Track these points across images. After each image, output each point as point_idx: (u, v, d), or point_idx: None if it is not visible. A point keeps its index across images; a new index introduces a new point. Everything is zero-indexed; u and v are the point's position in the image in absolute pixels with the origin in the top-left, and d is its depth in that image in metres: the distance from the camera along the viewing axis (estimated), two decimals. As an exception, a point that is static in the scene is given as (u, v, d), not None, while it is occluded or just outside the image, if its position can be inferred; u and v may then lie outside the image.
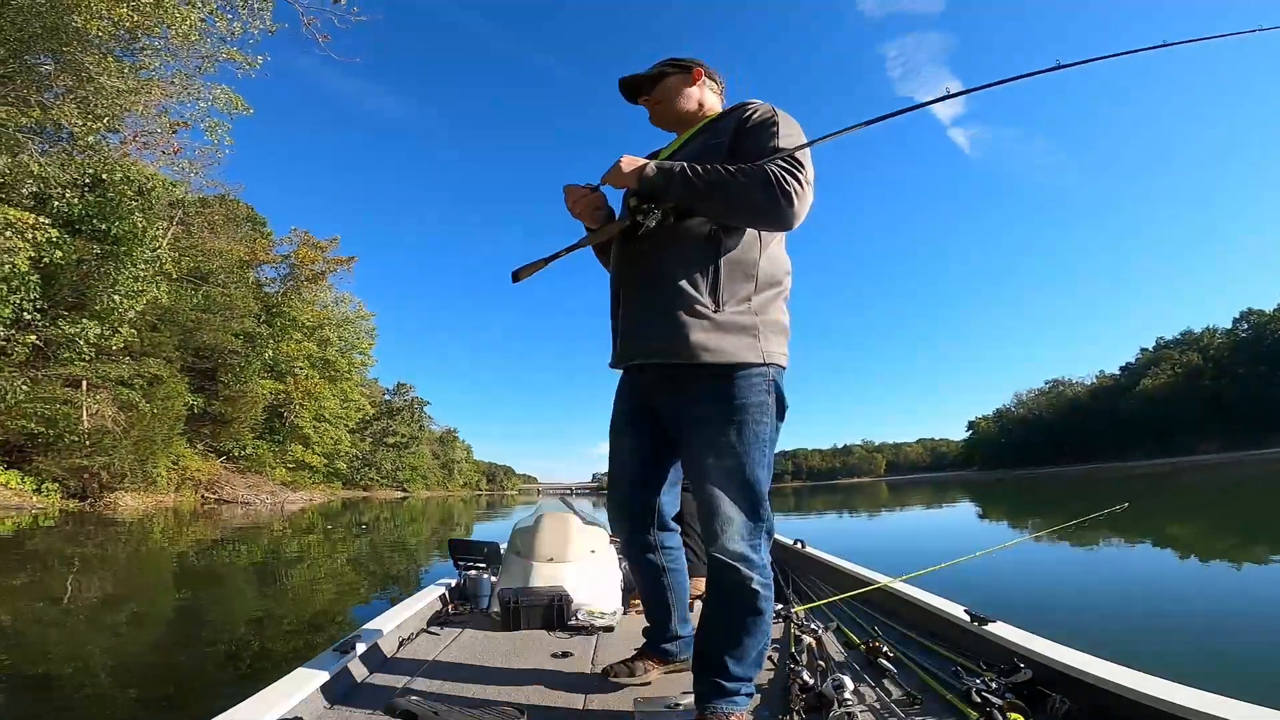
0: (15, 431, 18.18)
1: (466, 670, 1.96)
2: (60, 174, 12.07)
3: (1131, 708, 1.27)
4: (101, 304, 18.31)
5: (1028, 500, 20.46)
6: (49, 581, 6.17)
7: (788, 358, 1.52)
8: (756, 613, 1.45)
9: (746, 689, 1.47)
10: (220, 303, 28.04)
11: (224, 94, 12.81)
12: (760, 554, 1.45)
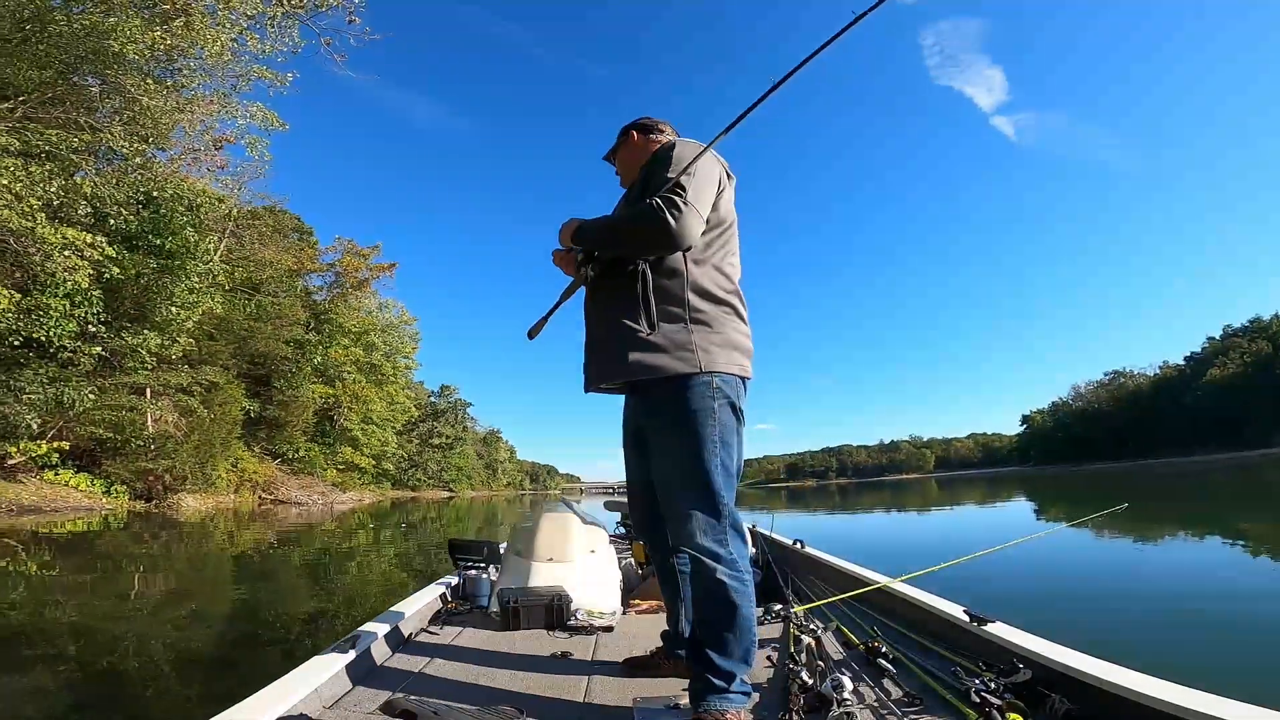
0: (86, 437, 19.31)
1: (466, 670, 1.95)
2: (115, 193, 12.80)
3: (1131, 708, 1.26)
4: (161, 315, 19.31)
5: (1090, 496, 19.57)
6: (117, 579, 6.50)
7: (741, 366, 1.62)
8: (730, 605, 1.51)
9: (739, 686, 1.49)
10: (271, 311, 29.22)
11: (260, 111, 13.40)
12: (728, 548, 1.53)
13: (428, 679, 1.87)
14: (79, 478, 19.35)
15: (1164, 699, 1.21)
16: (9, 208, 9.56)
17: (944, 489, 37.37)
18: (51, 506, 16.72)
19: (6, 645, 3.70)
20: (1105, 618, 4.20)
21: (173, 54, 11.11)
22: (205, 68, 11.77)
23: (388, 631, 2.14)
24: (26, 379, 16.31)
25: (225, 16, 10.82)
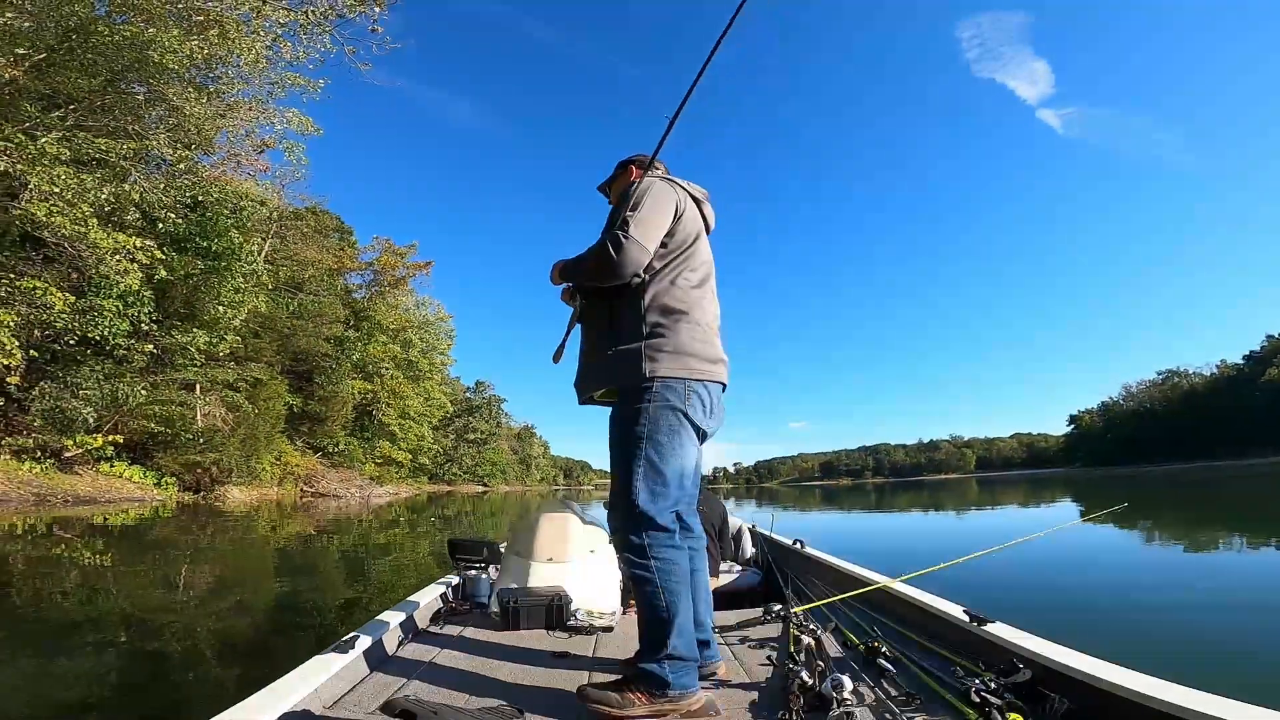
0: (138, 431, 20.17)
1: (466, 670, 1.96)
2: (163, 197, 13.32)
3: (1131, 708, 1.27)
4: (209, 314, 20.04)
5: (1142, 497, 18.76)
6: (166, 568, 6.74)
7: (690, 368, 1.75)
8: (640, 590, 1.67)
9: (661, 670, 1.58)
10: (312, 309, 30.05)
11: (295, 116, 13.79)
12: (636, 537, 1.68)
13: (428, 679, 1.87)
14: (132, 470, 20.24)
15: (1164, 699, 1.21)
16: (62, 214, 10.04)
17: (984, 490, 36.63)
18: (106, 497, 17.53)
19: (60, 632, 3.87)
20: (1105, 618, 4.18)
21: (211, 62, 11.55)
22: (243, 75, 12.22)
23: (387, 631, 2.14)
24: (83, 376, 17.12)
25: (259, 25, 11.16)
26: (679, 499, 1.75)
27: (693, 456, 1.78)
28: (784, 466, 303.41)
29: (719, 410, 1.87)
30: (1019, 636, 1.68)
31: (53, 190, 9.70)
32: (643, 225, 1.76)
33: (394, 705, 1.41)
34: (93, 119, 12.05)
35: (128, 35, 10.58)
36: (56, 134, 10.28)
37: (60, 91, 11.88)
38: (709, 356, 1.80)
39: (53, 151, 9.61)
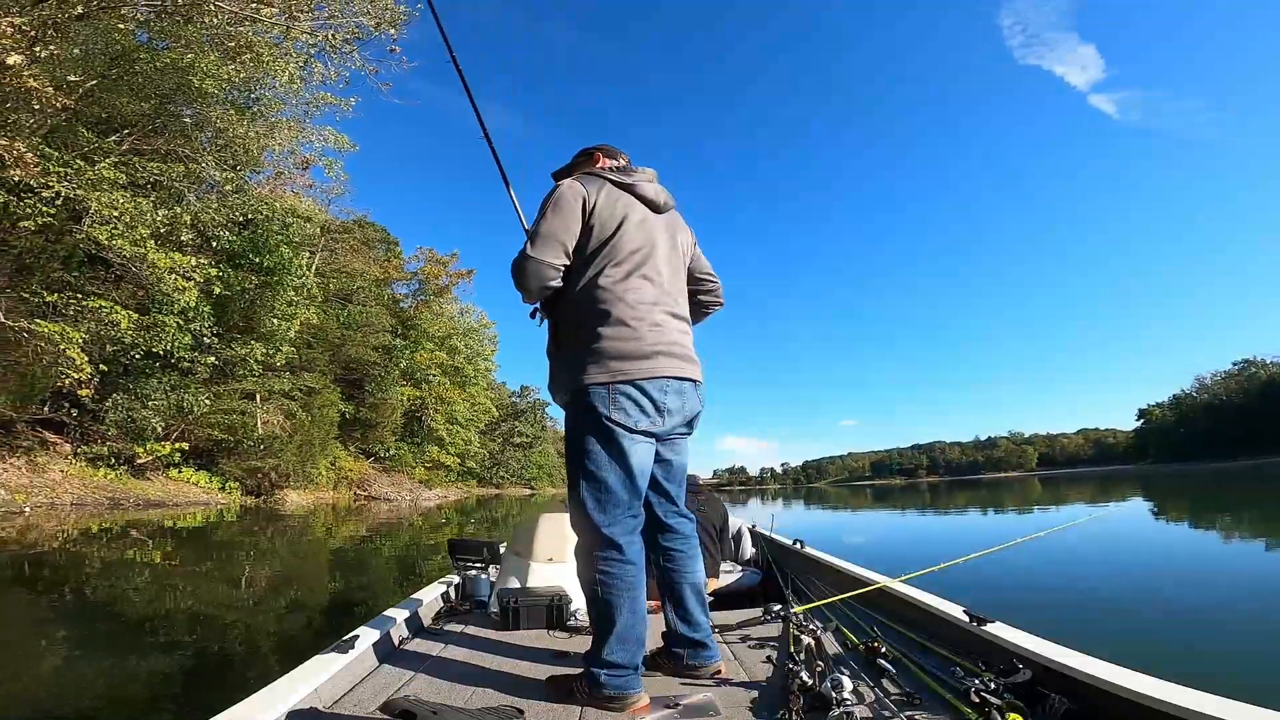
0: (204, 438, 21.37)
1: (466, 670, 1.97)
2: (216, 216, 14.11)
3: (1131, 708, 1.27)
4: (265, 327, 21.07)
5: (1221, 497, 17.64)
6: (228, 568, 7.11)
7: (614, 371, 1.73)
8: (587, 597, 1.75)
9: (597, 674, 1.65)
10: (360, 320, 31.19)
11: (332, 134, 14.45)
12: (585, 548, 1.76)
13: (427, 679, 1.87)
14: (198, 475, 21.45)
15: (1164, 699, 1.21)
16: (122, 237, 10.78)
17: (1047, 488, 35.22)
18: (174, 501, 18.62)
19: (130, 630, 4.11)
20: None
21: (249, 85, 12.22)
22: (280, 96, 12.88)
23: (388, 631, 2.15)
24: (151, 387, 18.26)
25: (290, 47, 11.74)
26: (631, 503, 1.75)
27: (638, 459, 1.75)
28: (833, 466, 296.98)
29: (672, 404, 1.79)
30: (1019, 636, 1.67)
31: (112, 214, 10.43)
32: (541, 239, 1.78)
33: (394, 705, 1.43)
34: (146, 142, 12.89)
35: (168, 61, 11.30)
36: (113, 159, 11.08)
37: (115, 116, 12.76)
38: (637, 354, 1.75)
39: (110, 176, 10.34)
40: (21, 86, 8.07)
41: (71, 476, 16.75)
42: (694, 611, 1.89)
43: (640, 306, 1.79)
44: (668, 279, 1.90)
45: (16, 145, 8.34)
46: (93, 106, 12.20)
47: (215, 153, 13.15)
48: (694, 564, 1.95)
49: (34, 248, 11.38)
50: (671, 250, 1.95)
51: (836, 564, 2.93)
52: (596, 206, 1.83)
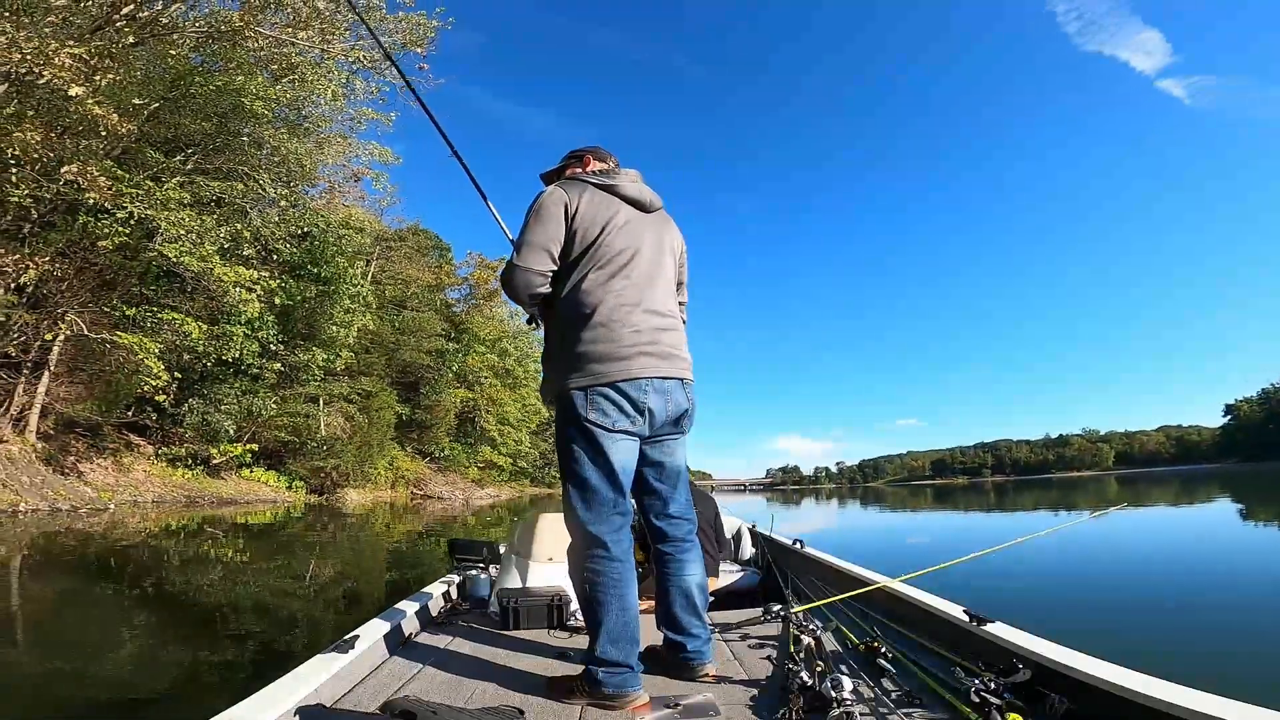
0: (272, 440, 22.62)
1: (466, 670, 1.98)
2: (276, 230, 14.95)
3: (1131, 708, 1.27)
4: (325, 334, 22.13)
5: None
6: (293, 563, 7.51)
7: (594, 374, 1.77)
8: (578, 594, 1.80)
9: (594, 671, 1.68)
10: (413, 325, 32.34)
11: (376, 148, 15.16)
12: (576, 547, 1.82)
13: (428, 679, 1.88)
14: (268, 474, 22.71)
15: (1164, 699, 1.20)
16: (189, 254, 11.58)
17: (1125, 488, 33.30)
18: (246, 499, 19.79)
19: (203, 621, 4.33)
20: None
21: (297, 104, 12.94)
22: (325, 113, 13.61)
23: (388, 631, 2.16)
24: (224, 392, 19.46)
25: (331, 66, 12.36)
26: (616, 500, 1.79)
27: (619, 458, 1.78)
28: (891, 465, 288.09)
29: (653, 403, 1.81)
30: (1019, 636, 1.66)
31: (180, 232, 11.22)
32: (525, 248, 1.84)
33: (394, 705, 1.42)
34: (209, 161, 13.82)
35: (221, 83, 12.11)
36: (179, 178, 11.94)
37: (180, 136, 13.71)
38: (615, 356, 1.78)
39: (176, 196, 11.14)
40: (88, 114, 8.80)
41: (153, 476, 18.04)
42: (680, 614, 1.89)
43: (620, 309, 1.81)
44: (652, 279, 1.91)
45: (90, 169, 9.09)
46: (159, 128, 13.16)
47: (271, 169, 13.96)
48: (686, 567, 1.94)
49: (113, 265, 12.36)
50: (658, 250, 1.96)
51: (836, 564, 2.93)
52: (579, 211, 1.86)
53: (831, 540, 10.34)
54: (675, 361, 1.88)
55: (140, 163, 12.15)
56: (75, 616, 4.49)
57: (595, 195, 1.90)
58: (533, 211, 1.87)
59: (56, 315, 12.63)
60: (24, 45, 7.88)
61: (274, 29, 11.15)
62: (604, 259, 1.85)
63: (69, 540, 8.63)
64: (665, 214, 2.07)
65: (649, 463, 1.93)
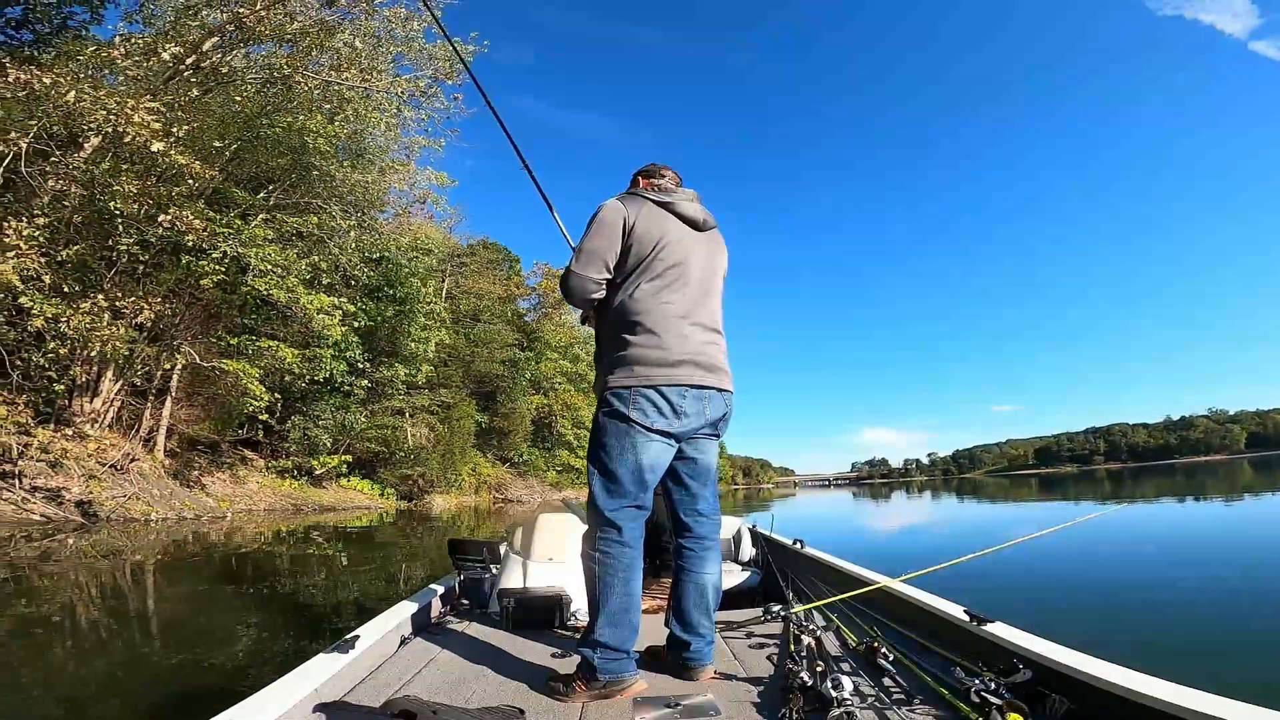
0: (364, 451, 24.44)
1: (466, 670, 1.99)
2: (353, 257, 16.29)
3: (1131, 708, 1.26)
4: (405, 350, 23.70)
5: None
6: (387, 565, 8.10)
7: (637, 375, 1.88)
8: (586, 576, 1.92)
9: (590, 655, 1.76)
10: (486, 337, 33.90)
11: (432, 174, 16.29)
12: (591, 529, 1.92)
13: (428, 679, 1.89)
14: (362, 483, 24.50)
15: (1164, 699, 1.20)
16: (277, 286, 12.91)
17: (1261, 472, 29.82)
18: (343, 505, 21.46)
19: (312, 618, 4.63)
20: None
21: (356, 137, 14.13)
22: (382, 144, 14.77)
23: (388, 631, 2.17)
24: (320, 409, 21.24)
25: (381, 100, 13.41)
26: (637, 495, 1.88)
27: (650, 457, 1.87)
28: (988, 455, 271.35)
29: (690, 408, 1.90)
30: (1019, 636, 1.67)
31: (267, 266, 12.54)
32: (583, 256, 1.96)
33: (394, 705, 1.44)
34: (287, 196, 15.27)
35: (286, 124, 13.39)
36: (263, 215, 13.30)
37: (261, 173, 15.21)
38: (664, 361, 1.87)
39: (261, 233, 12.45)
40: (174, 165, 10.01)
41: (264, 486, 19.93)
42: (692, 610, 1.93)
43: (669, 319, 1.91)
44: (700, 293, 2.00)
45: (185, 214, 10.35)
46: (242, 166, 14.66)
47: (341, 200, 15.27)
48: (704, 564, 1.99)
49: (215, 299, 13.88)
50: (707, 267, 2.04)
51: (837, 564, 2.94)
52: (636, 225, 1.96)
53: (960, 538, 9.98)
54: (717, 374, 1.96)
55: (229, 201, 13.66)
56: (201, 612, 5.09)
57: (652, 211, 2.00)
58: (594, 222, 1.98)
59: (173, 347, 14.34)
60: (107, 102, 9.07)
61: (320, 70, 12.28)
62: (657, 271, 1.95)
63: (195, 546, 9.66)
64: (718, 234, 2.15)
65: (682, 458, 2.00)
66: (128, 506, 12.39)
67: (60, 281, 10.48)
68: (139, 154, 10.13)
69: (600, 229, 1.97)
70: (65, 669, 3.41)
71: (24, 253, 8.98)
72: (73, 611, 4.93)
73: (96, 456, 12.92)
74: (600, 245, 1.96)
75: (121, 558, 8.11)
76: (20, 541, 8.69)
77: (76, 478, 11.90)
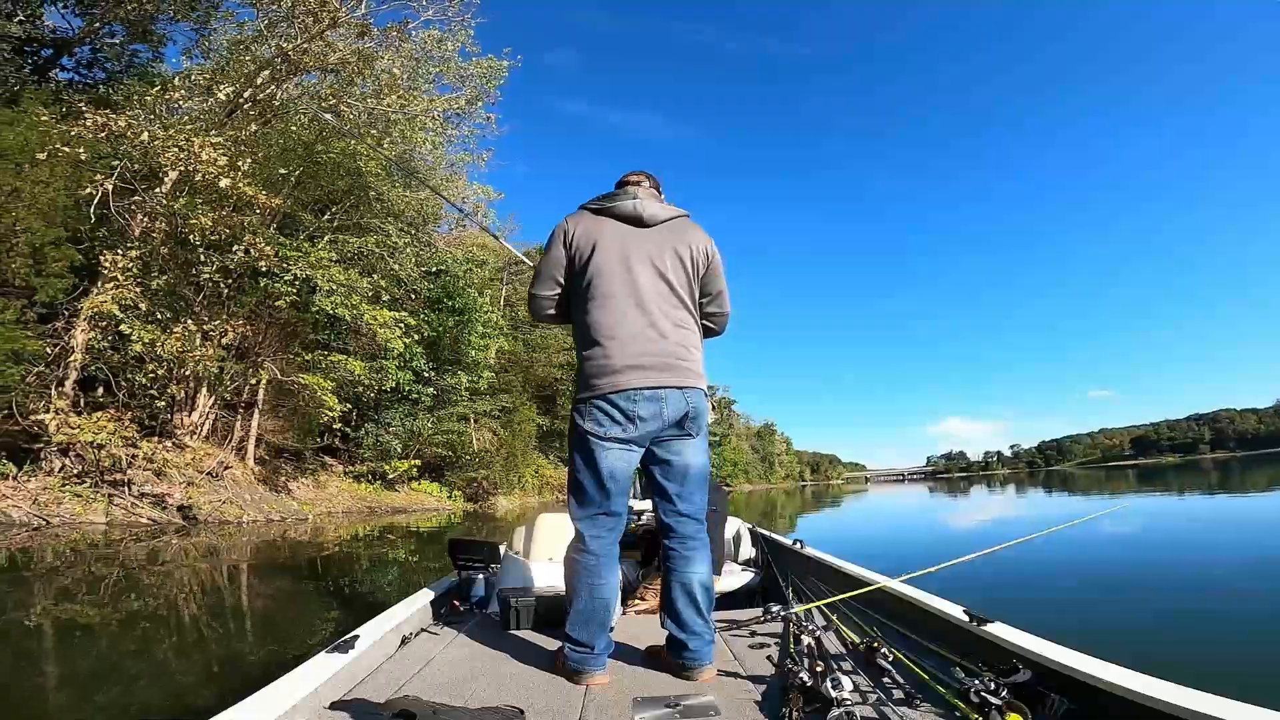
0: (432, 456, 25.67)
1: (466, 670, 1.99)
2: (413, 272, 17.27)
3: (1131, 708, 1.26)
4: (467, 358, 24.78)
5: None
6: None
7: (593, 387, 1.96)
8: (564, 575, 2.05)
9: (565, 647, 1.92)
10: (543, 342, 34.83)
11: (479, 187, 17.13)
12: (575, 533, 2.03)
13: (428, 679, 1.89)
14: (431, 486, 25.71)
15: (1164, 699, 1.20)
16: (342, 305, 13.91)
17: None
18: (414, 508, 22.60)
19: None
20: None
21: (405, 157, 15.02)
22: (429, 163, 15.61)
23: (388, 631, 2.18)
24: (390, 417, 22.52)
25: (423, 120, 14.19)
26: (602, 502, 1.96)
27: (608, 464, 1.93)
28: (1079, 446, 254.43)
29: (643, 410, 1.92)
30: (1019, 636, 1.68)
31: (333, 286, 13.54)
32: (537, 276, 2.12)
33: (394, 705, 1.43)
34: (348, 217, 16.35)
35: (340, 148, 14.32)
36: (328, 238, 14.35)
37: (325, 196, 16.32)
38: (608, 369, 1.92)
39: (326, 255, 13.45)
40: (243, 196, 10.98)
41: (343, 490, 21.28)
42: (682, 610, 1.94)
43: (609, 326, 1.94)
44: (650, 292, 1.98)
45: (257, 241, 11.33)
46: (307, 190, 15.78)
47: (397, 218, 16.28)
48: (689, 564, 1.99)
49: (291, 319, 15.06)
50: (657, 262, 2.01)
51: (836, 564, 2.95)
52: (576, 238, 2.02)
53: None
54: (674, 371, 1.95)
55: (297, 225, 14.77)
56: (290, 609, 5.60)
57: (587, 220, 2.05)
58: (545, 247, 2.13)
59: (257, 364, 15.63)
60: (178, 139, 10.05)
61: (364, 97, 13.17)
62: (595, 280, 1.98)
63: (283, 547, 10.54)
64: (677, 223, 2.10)
65: (656, 461, 2.02)
66: (222, 510, 13.60)
67: (154, 309, 11.70)
68: (211, 187, 11.19)
69: (547, 248, 2.10)
70: (166, 660, 3.82)
71: (121, 284, 10.09)
72: (175, 607, 5.53)
73: (195, 465, 14.24)
74: (546, 264, 2.08)
75: (219, 558, 8.99)
76: (130, 543, 9.76)
77: (178, 484, 13.17)
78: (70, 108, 10.46)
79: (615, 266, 1.98)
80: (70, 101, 10.82)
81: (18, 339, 9.89)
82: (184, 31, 14.90)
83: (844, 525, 16.99)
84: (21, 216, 9.92)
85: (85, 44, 14.13)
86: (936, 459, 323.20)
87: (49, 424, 10.53)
